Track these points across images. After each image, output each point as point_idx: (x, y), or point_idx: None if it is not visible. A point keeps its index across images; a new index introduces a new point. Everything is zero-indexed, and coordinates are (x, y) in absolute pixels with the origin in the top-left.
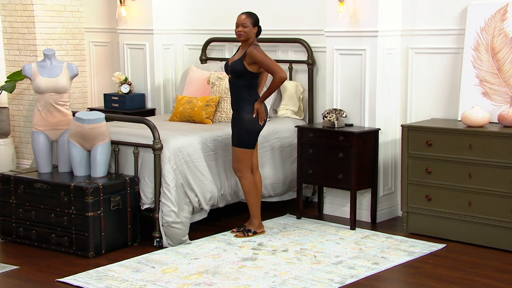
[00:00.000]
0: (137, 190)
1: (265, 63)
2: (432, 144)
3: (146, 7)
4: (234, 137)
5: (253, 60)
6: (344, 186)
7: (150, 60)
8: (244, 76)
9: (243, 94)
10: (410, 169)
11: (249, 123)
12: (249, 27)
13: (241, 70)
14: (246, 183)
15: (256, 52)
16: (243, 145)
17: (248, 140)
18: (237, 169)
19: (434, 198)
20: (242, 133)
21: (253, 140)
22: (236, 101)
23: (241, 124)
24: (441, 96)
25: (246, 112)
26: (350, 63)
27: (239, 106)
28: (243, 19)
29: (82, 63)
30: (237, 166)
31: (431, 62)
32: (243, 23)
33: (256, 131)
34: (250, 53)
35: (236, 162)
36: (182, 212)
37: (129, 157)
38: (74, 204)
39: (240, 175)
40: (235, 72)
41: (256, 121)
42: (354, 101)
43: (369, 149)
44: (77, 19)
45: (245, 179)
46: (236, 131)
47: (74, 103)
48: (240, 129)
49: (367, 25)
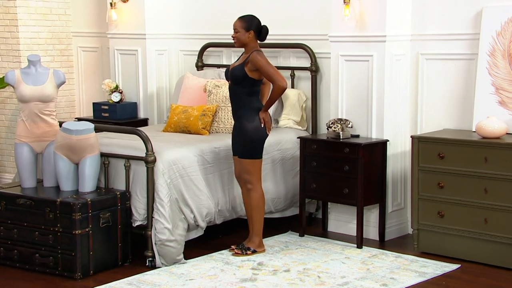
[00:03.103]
0: (129, 206)
1: (265, 70)
2: (445, 157)
3: (139, 10)
4: (238, 148)
5: (255, 67)
6: (350, 202)
7: (142, 67)
8: (244, 83)
9: (244, 101)
10: (421, 184)
11: (252, 131)
12: (241, 32)
13: (242, 76)
14: (256, 196)
15: (259, 58)
16: (250, 156)
17: (254, 149)
18: (248, 180)
19: (447, 214)
20: (246, 143)
21: (259, 149)
22: (237, 109)
23: (244, 133)
24: (454, 105)
25: (247, 121)
26: (356, 69)
27: (240, 114)
28: (235, 24)
29: (69, 69)
30: (247, 178)
31: (443, 69)
32: (235, 28)
33: (260, 139)
34: (253, 59)
35: (246, 174)
36: (177, 229)
37: (120, 170)
38: (60, 221)
39: (250, 187)
40: (236, 78)
41: (260, 129)
42: (360, 111)
43: (377, 161)
44: (64, 23)
45: (255, 191)
46: (239, 141)
47: (60, 112)
48: (244, 139)
49: (374, 30)
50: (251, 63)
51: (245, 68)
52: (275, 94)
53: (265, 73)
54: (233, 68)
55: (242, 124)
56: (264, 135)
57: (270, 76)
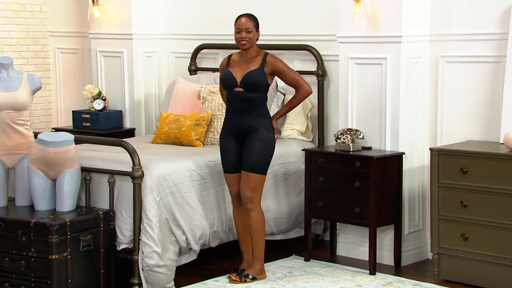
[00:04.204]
0: (113, 227)
1: (291, 74)
2: (468, 172)
3: (124, 7)
4: (249, 161)
5: (274, 70)
6: (361, 222)
7: (128, 71)
8: (261, 89)
9: (263, 110)
10: (442, 202)
11: (272, 142)
12: (253, 32)
13: (263, 82)
14: (258, 217)
15: (279, 60)
16: (262, 170)
17: (266, 163)
18: (250, 199)
19: (471, 237)
20: (265, 155)
21: (269, 163)
22: (253, 119)
23: (264, 145)
24: (478, 113)
25: (268, 130)
26: (368, 74)
27: (257, 125)
28: (245, 22)
29: (46, 74)
30: (251, 196)
31: (466, 73)
32: (247, 27)
33: (273, 151)
34: (273, 62)
35: (251, 191)
36: (167, 253)
37: (103, 187)
38: (35, 245)
39: (251, 206)
40: (254, 85)
41: (274, 139)
42: (373, 120)
43: (392, 177)
44: (40, 21)
45: (257, 212)
46: (252, 153)
47: (36, 122)
48: (263, 151)
49: (388, 29)
50: (270, 67)
51: (265, 72)
52: (300, 99)
53: (290, 77)
54: (251, 73)
55: (261, 135)
56: (274, 146)
57: (296, 81)
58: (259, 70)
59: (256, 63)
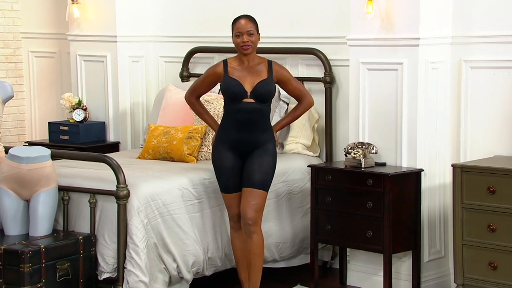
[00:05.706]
0: (94, 253)
1: (296, 84)
2: (496, 191)
3: (108, 6)
4: (254, 176)
5: (280, 79)
6: (375, 248)
7: (112, 77)
8: (269, 100)
9: (266, 122)
10: (466, 226)
11: (276, 157)
12: (255, 35)
13: (273, 93)
14: (260, 240)
15: (284, 68)
16: (267, 186)
17: (271, 179)
18: (254, 221)
19: (500, 266)
20: (270, 171)
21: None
22: (261, 132)
23: (271, 160)
24: (507, 125)
25: (274, 144)
26: (382, 81)
27: (265, 138)
28: (246, 24)
29: (18, 80)
30: (255, 217)
31: (493, 80)
32: (248, 30)
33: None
34: (279, 70)
35: (255, 211)
36: (155, 283)
37: (83, 208)
38: (4, 275)
39: (254, 229)
40: (267, 96)
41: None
42: (387, 132)
43: (409, 197)
44: (11, 21)
45: (259, 235)
46: (261, 169)
47: (6, 135)
48: (268, 166)
49: (404, 31)
50: (276, 76)
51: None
52: (303, 111)
53: (295, 87)
54: (263, 83)
55: (271, 149)
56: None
57: (300, 91)
58: (269, 80)
59: (264, 72)
